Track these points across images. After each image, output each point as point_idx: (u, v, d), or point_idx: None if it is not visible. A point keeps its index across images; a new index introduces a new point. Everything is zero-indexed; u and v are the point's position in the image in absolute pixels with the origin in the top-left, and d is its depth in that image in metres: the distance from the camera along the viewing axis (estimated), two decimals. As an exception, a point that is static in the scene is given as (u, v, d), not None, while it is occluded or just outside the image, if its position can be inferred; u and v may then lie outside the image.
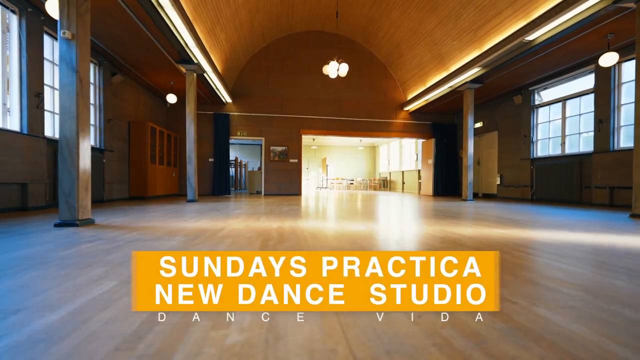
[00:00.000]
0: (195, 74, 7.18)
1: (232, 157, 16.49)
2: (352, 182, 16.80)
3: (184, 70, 7.11)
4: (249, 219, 3.94)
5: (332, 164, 18.19)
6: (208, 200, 7.60)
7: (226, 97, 9.64)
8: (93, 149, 6.41)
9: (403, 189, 14.67)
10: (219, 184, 9.94)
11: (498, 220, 4.04)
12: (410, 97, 10.61)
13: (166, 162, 8.84)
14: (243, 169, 16.25)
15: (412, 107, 10.60)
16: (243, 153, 17.27)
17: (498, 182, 9.45)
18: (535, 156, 8.33)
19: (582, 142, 7.31)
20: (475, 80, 7.96)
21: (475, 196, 10.48)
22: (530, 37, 6.06)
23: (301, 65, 10.50)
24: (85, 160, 3.28)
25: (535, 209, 5.97)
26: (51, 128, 5.60)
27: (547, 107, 8.08)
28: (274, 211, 5.04)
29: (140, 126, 7.79)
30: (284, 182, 10.48)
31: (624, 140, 6.48)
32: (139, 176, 7.73)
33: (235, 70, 10.03)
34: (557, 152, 7.79)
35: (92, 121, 6.56)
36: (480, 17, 7.09)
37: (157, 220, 3.68)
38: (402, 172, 14.76)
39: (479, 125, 10.29)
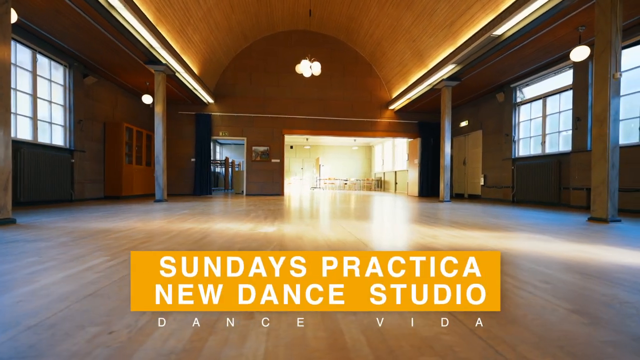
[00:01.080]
0: (164, 75, 7.21)
1: (222, 156, 16.60)
2: (346, 182, 16.64)
3: (153, 71, 7.16)
4: (176, 220, 3.90)
5: (328, 164, 18.07)
6: (181, 200, 7.63)
7: (206, 98, 9.67)
8: (61, 149, 6.53)
9: (395, 189, 14.43)
10: (200, 184, 9.99)
11: (450, 225, 3.89)
12: (394, 95, 10.41)
13: (145, 162, 8.93)
14: (237, 169, 16.32)
15: (396, 105, 10.40)
16: (238, 153, 17.34)
17: (482, 183, 9.15)
18: (516, 156, 8.03)
19: (562, 141, 6.99)
20: (451, 78, 7.72)
21: (461, 197, 10.20)
22: (499, 32, 5.82)
23: (284, 64, 10.44)
24: (1, 160, 3.31)
25: (505, 210, 5.74)
26: (14, 130, 5.72)
27: (529, 105, 7.77)
28: (220, 211, 5.00)
29: (115, 127, 7.89)
30: (266, 182, 10.45)
31: (602, 138, 6.14)
32: (113, 176, 7.84)
33: (217, 71, 10.06)
34: (538, 151, 7.47)
35: (61, 122, 6.68)
36: (453, 12, 6.87)
37: (81, 221, 3.68)
38: (395, 172, 14.52)
39: (464, 124, 10.01)
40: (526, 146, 7.87)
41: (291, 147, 18.28)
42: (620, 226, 3.74)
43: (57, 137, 6.60)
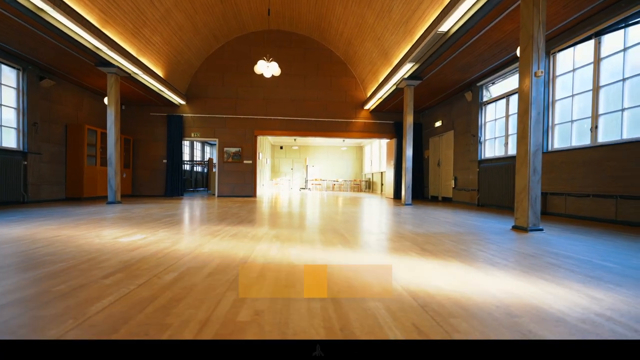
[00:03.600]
0: (117, 76, 7.22)
1: (206, 157, 16.65)
2: (334, 183, 16.41)
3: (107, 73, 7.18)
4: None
5: (319, 164, 17.87)
6: (139, 202, 7.63)
7: (176, 99, 9.67)
8: (12, 151, 6.63)
9: (382, 190, 14.12)
10: (172, 185, 10.01)
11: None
12: (368, 94, 10.16)
13: (112, 164, 8.98)
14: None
15: (370, 105, 10.14)
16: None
17: (453, 185, 8.80)
18: (482, 157, 7.67)
19: (523, 142, 6.60)
20: (412, 77, 7.43)
21: (436, 200, 9.86)
22: (444, 28, 5.53)
23: (257, 65, 10.32)
24: None
25: (452, 216, 5.45)
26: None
27: (494, 104, 7.40)
28: (143, 216, 4.93)
29: (77, 129, 7.97)
30: (237, 183, 10.38)
31: (558, 140, 5.78)
32: (75, 178, 7.92)
33: (187, 73, 10.05)
34: (502, 153, 7.11)
35: (14, 125, 6.78)
36: (407, 8, 6.61)
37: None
38: (381, 173, 14.22)
39: (438, 124, 9.66)
40: (491, 147, 7.50)
41: (281, 147, 18.18)
42: (534, 236, 3.45)
43: (10, 139, 6.70)
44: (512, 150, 6.85)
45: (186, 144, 15.19)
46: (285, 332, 1.17)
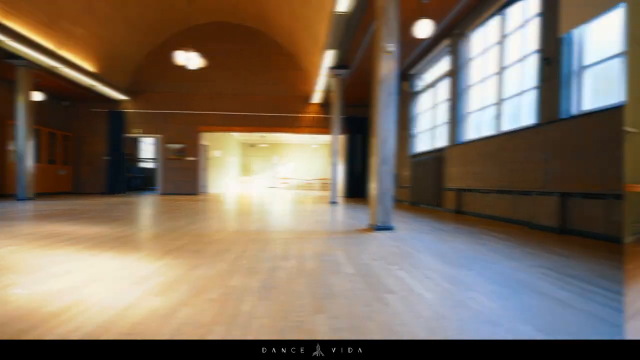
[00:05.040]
0: (27, 69, 6.97)
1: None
2: (304, 181, 15.94)
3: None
4: None
5: (291, 162, 17.41)
6: (59, 199, 7.37)
7: (114, 94, 9.39)
8: None
9: (348, 189, 13.61)
10: (114, 182, 9.75)
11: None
12: (314, 88, 9.70)
13: (46, 160, 8.77)
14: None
15: (316, 99, 9.68)
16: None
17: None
18: (414, 152, 7.14)
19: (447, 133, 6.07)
20: (338, 66, 6.96)
21: (384, 198, 9.33)
22: (342, 8, 5.06)
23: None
24: None
25: (343, 215, 4.98)
26: None
27: (424, 95, 6.87)
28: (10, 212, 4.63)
29: (-1, 125, 7.77)
30: (182, 180, 10.05)
31: (474, 129, 5.23)
32: (-2, 174, 7.72)
33: (127, 67, 9.74)
34: (429, 146, 6.58)
35: None
36: (320, -9, 6.15)
37: None
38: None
39: (385, 117, 9.12)
40: (424, 140, 6.97)
41: (251, 145, 17.80)
42: (367, 237, 2.98)
43: None
44: (439, 142, 6.30)
45: (149, 141, 14.93)
46: None
